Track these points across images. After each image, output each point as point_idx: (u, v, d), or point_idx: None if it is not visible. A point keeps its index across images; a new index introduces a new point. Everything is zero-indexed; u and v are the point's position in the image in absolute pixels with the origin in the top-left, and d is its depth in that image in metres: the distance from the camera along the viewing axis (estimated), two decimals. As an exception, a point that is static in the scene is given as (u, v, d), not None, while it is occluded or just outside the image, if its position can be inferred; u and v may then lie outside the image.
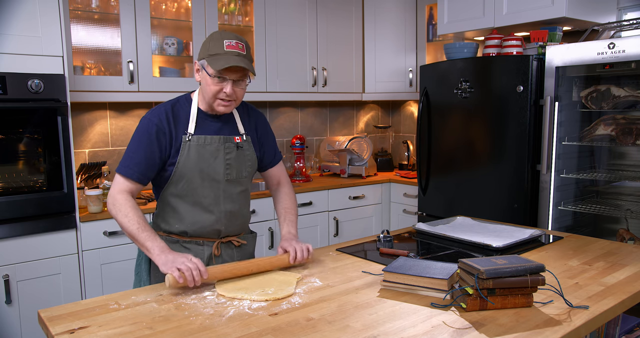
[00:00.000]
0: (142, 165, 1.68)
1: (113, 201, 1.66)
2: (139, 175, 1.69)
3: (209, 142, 1.75)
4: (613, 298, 1.41)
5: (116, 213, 1.64)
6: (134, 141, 1.70)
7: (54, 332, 1.22)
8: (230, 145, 1.78)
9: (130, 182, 1.69)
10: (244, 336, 1.20)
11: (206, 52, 1.68)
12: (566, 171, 2.82)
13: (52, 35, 2.47)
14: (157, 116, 1.71)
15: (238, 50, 1.67)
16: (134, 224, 1.60)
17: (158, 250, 1.55)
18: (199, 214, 1.77)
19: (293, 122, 4.10)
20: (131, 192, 1.69)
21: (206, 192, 1.76)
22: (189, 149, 1.72)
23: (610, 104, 2.67)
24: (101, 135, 3.21)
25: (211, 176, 1.75)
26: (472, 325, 1.25)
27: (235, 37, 1.69)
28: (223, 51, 1.65)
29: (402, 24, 3.95)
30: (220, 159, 1.76)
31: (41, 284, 2.51)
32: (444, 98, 3.26)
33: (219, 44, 1.66)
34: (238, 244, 1.86)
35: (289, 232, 1.81)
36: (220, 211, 1.79)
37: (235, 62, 1.63)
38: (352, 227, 3.73)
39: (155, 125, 1.69)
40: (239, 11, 3.49)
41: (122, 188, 1.68)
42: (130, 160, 1.68)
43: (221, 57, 1.64)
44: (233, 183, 1.80)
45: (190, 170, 1.72)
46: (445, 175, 3.31)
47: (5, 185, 2.43)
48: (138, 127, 1.72)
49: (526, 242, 1.99)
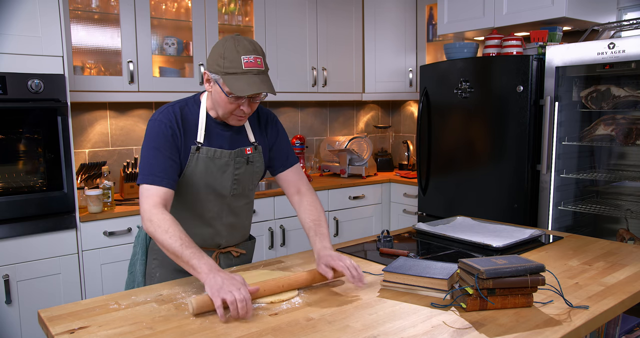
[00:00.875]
0: (168, 169, 1.54)
1: (150, 217, 1.46)
2: (168, 180, 1.53)
3: (219, 156, 1.62)
4: (613, 298, 1.41)
5: (154, 231, 1.44)
6: (151, 146, 1.55)
7: (54, 332, 1.22)
8: (241, 159, 1.66)
9: (163, 191, 1.51)
10: (244, 336, 1.20)
11: (221, 68, 1.50)
12: (566, 171, 2.82)
13: (52, 35, 2.47)
14: (168, 118, 1.58)
15: (257, 67, 1.50)
16: (176, 241, 1.41)
17: (206, 268, 1.35)
18: (200, 227, 1.69)
19: (293, 122, 4.10)
20: (165, 202, 1.51)
21: (210, 206, 1.68)
22: (197, 161, 1.60)
23: (610, 104, 2.67)
24: (101, 135, 3.21)
25: (217, 191, 1.66)
26: (472, 325, 1.25)
27: (253, 49, 1.51)
28: (242, 70, 1.48)
29: (402, 24, 3.95)
30: (228, 173, 1.65)
31: (41, 284, 2.51)
32: (444, 98, 3.26)
33: (235, 59, 1.48)
34: (237, 255, 1.81)
35: (325, 248, 1.59)
36: (222, 225, 1.72)
37: (258, 88, 1.48)
38: (352, 227, 3.73)
39: (170, 128, 1.56)
40: (239, 11, 3.49)
41: (156, 201, 1.49)
42: (154, 167, 1.52)
43: (240, 79, 1.48)
44: (238, 197, 1.72)
45: (196, 182, 1.62)
46: (445, 175, 3.31)
47: (5, 185, 2.43)
48: (150, 131, 1.57)
49: (526, 242, 1.99)
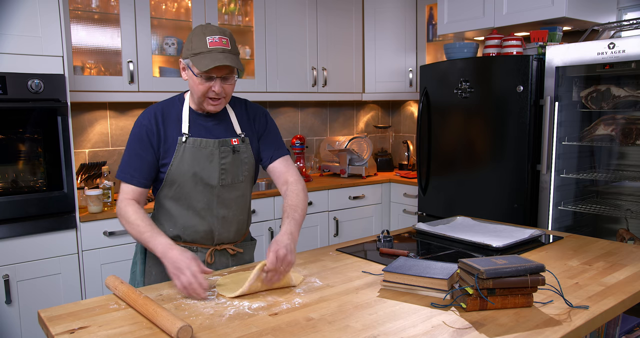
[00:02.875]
0: (140, 169, 1.66)
1: (118, 210, 1.64)
2: (139, 179, 1.66)
3: (204, 145, 1.69)
4: (613, 298, 1.41)
5: (122, 222, 1.62)
6: (129, 145, 1.69)
7: (54, 332, 1.22)
8: (227, 148, 1.72)
9: (133, 188, 1.66)
10: (244, 336, 1.20)
11: (190, 51, 1.61)
12: (566, 171, 2.82)
13: (52, 35, 2.47)
14: (147, 118, 1.68)
15: (222, 46, 1.60)
16: (135, 227, 1.58)
17: (161, 249, 1.50)
18: (192, 218, 1.72)
19: (293, 122, 4.10)
20: (135, 197, 1.66)
21: (199, 197, 1.71)
22: (184, 151, 1.67)
23: (610, 104, 2.67)
24: (101, 135, 3.21)
25: (205, 180, 1.69)
26: (472, 325, 1.25)
27: (219, 31, 1.62)
28: (207, 49, 1.58)
29: (402, 24, 3.95)
30: (215, 163, 1.70)
31: (41, 284, 2.51)
32: (444, 98, 3.26)
33: (201, 41, 1.59)
34: (233, 253, 1.81)
35: (285, 232, 1.55)
36: (213, 216, 1.73)
37: (220, 61, 1.56)
38: (352, 227, 3.73)
39: (145, 127, 1.67)
40: (239, 11, 3.49)
41: (125, 196, 1.66)
42: (129, 166, 1.67)
43: (205, 56, 1.58)
44: (228, 188, 1.74)
45: (183, 173, 1.68)
46: (445, 175, 3.31)
47: (5, 185, 2.43)
48: (132, 131, 1.70)
49: (526, 242, 1.99)
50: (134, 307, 1.34)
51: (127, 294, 1.38)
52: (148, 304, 1.29)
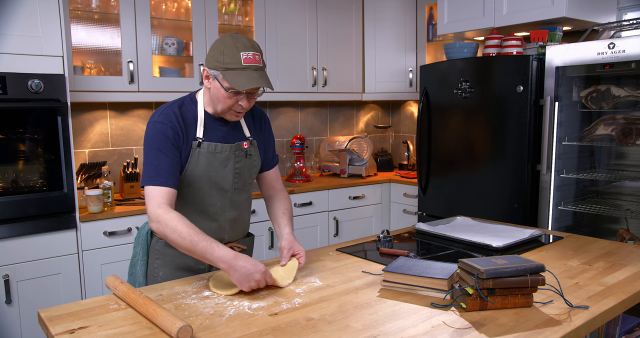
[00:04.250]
0: (171, 169, 1.58)
1: (156, 218, 1.51)
2: (174, 180, 1.58)
3: (220, 150, 1.67)
4: (613, 298, 1.41)
5: (163, 231, 1.50)
6: (153, 148, 1.58)
7: (54, 332, 1.22)
8: (240, 153, 1.71)
9: (167, 191, 1.56)
10: (244, 336, 1.20)
11: (220, 63, 1.55)
12: (566, 171, 2.82)
13: (52, 35, 2.47)
14: (168, 118, 1.61)
15: (256, 63, 1.55)
16: (185, 239, 1.47)
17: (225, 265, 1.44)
18: (203, 222, 1.70)
19: (293, 122, 4.10)
20: (170, 202, 1.55)
21: (213, 201, 1.71)
22: (199, 156, 1.64)
23: (610, 104, 2.67)
24: (101, 135, 3.21)
25: (219, 185, 1.69)
26: (472, 325, 1.25)
27: (252, 45, 1.56)
28: (241, 65, 1.53)
29: (402, 23, 3.95)
30: (229, 167, 1.70)
31: (41, 284, 2.51)
32: (444, 98, 3.26)
33: (234, 55, 1.53)
34: (239, 250, 1.82)
35: (290, 233, 1.73)
36: (225, 219, 1.75)
37: (257, 82, 1.54)
38: (352, 227, 3.73)
39: (171, 128, 1.60)
40: (239, 11, 3.49)
41: (160, 202, 1.53)
42: (159, 170, 1.56)
43: (240, 74, 1.53)
44: (239, 191, 1.76)
45: (199, 178, 1.66)
46: (445, 175, 3.31)
47: (5, 185, 2.43)
48: (151, 133, 1.60)
49: (526, 242, 1.99)
50: (134, 307, 1.34)
51: (127, 294, 1.39)
52: (148, 304, 1.29)
